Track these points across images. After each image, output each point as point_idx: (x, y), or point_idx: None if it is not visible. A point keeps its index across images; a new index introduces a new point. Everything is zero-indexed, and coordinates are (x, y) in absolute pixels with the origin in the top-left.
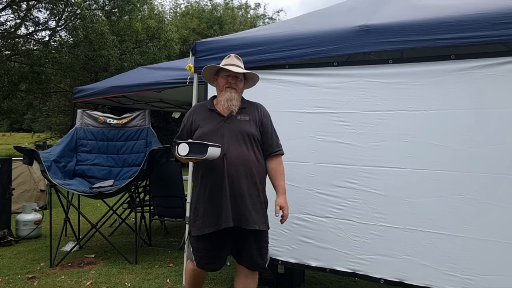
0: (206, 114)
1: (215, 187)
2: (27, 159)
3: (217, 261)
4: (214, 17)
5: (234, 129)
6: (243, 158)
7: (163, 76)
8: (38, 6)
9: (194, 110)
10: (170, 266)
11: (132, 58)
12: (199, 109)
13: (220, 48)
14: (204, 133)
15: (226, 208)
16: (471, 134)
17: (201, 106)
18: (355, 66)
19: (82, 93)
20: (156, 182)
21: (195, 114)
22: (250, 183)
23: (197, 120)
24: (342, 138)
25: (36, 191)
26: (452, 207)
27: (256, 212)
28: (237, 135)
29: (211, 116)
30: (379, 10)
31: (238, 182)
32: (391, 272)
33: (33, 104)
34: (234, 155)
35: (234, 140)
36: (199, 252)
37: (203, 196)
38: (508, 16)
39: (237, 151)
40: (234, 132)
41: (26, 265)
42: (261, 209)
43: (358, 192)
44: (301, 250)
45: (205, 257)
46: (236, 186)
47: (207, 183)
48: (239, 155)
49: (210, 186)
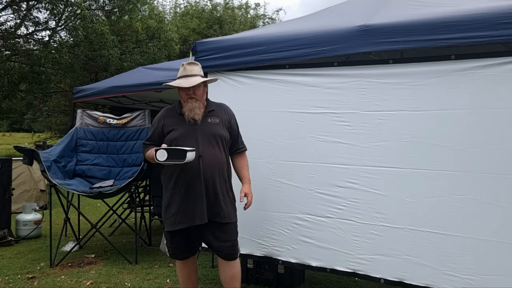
0: (176, 118)
1: (191, 187)
2: (27, 159)
3: (188, 252)
4: (214, 17)
5: (206, 132)
6: (216, 159)
7: (163, 76)
8: (38, 6)
9: (164, 114)
10: (170, 266)
11: (132, 58)
12: (169, 113)
13: (220, 48)
14: (178, 137)
15: (201, 207)
16: (471, 134)
17: (170, 109)
18: (356, 66)
19: (82, 93)
20: (156, 182)
21: (166, 118)
22: (222, 182)
23: (169, 124)
24: (342, 138)
25: (36, 191)
26: (452, 207)
27: (227, 207)
28: (210, 137)
29: (182, 120)
30: (379, 10)
31: (213, 182)
32: (391, 272)
33: (33, 104)
34: (208, 157)
35: (207, 143)
36: (172, 244)
37: (178, 195)
38: (508, 16)
39: (211, 154)
40: (207, 135)
41: (26, 265)
42: (231, 203)
43: (358, 192)
44: (302, 250)
45: (177, 249)
46: (211, 185)
47: (183, 183)
48: (213, 156)
49: (186, 186)
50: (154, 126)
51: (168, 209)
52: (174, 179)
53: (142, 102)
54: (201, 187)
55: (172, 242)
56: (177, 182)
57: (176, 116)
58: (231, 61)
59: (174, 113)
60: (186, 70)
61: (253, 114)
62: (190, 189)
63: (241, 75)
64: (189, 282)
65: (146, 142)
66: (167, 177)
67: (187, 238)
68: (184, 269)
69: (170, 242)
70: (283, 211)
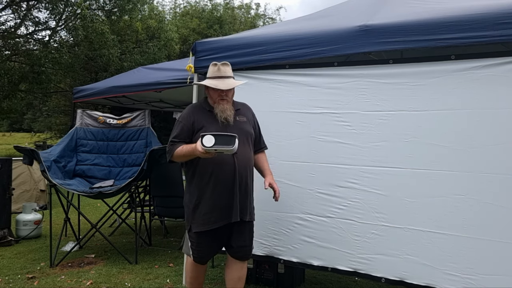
0: (206, 115)
1: (227, 184)
2: (27, 159)
3: (212, 254)
4: (214, 17)
5: (238, 130)
6: (248, 157)
7: (163, 76)
8: (38, 6)
9: (192, 111)
10: (170, 266)
11: (132, 58)
12: (198, 110)
13: (220, 48)
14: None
15: (236, 204)
16: (471, 134)
17: (197, 107)
18: (356, 66)
19: (82, 93)
20: (156, 182)
21: (196, 114)
22: (250, 179)
23: (200, 120)
24: (342, 138)
25: (36, 191)
26: (452, 207)
27: (251, 205)
28: (241, 135)
29: (212, 117)
30: (379, 10)
31: (245, 179)
32: (392, 271)
33: (33, 104)
34: (242, 154)
35: (239, 140)
36: (199, 246)
37: (210, 193)
38: (508, 16)
39: (243, 151)
40: (239, 132)
41: (26, 265)
42: (252, 202)
43: (358, 192)
44: (303, 249)
45: (204, 251)
46: (243, 183)
47: (217, 180)
48: (245, 154)
49: (221, 183)
50: (181, 123)
51: (198, 208)
52: (207, 176)
53: (142, 102)
54: (235, 184)
55: (200, 243)
56: (211, 179)
57: (206, 113)
58: (231, 61)
59: (203, 110)
60: (221, 71)
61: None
62: (225, 186)
63: (241, 75)
64: (197, 283)
65: (174, 139)
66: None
67: (215, 239)
68: (195, 270)
69: (197, 244)
70: (284, 211)
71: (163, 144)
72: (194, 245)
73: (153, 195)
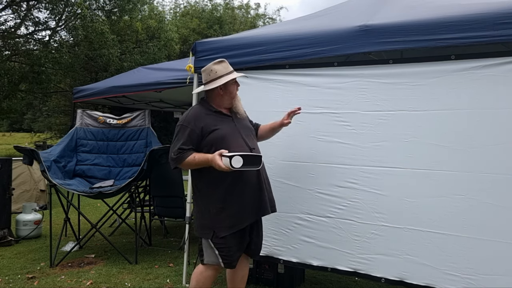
0: (214, 116)
1: (253, 183)
2: (27, 159)
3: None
4: (214, 17)
5: (244, 126)
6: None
7: (163, 76)
8: (38, 6)
9: (198, 115)
10: (170, 266)
11: (132, 58)
12: (204, 113)
13: (220, 48)
14: (224, 135)
15: (265, 199)
16: (471, 134)
17: (201, 109)
18: (356, 66)
19: (82, 93)
20: (156, 182)
21: (204, 119)
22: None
23: (210, 123)
24: (342, 138)
25: (36, 191)
26: (452, 207)
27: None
28: (248, 131)
29: (219, 117)
30: (379, 10)
31: (265, 173)
32: (392, 271)
33: (33, 104)
34: (257, 149)
35: (249, 136)
36: (230, 251)
37: (238, 195)
38: (508, 16)
39: (256, 146)
40: (245, 129)
41: (26, 265)
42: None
43: (358, 192)
44: (303, 249)
45: (235, 254)
46: (265, 177)
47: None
48: (258, 148)
49: (248, 183)
50: (188, 129)
51: (222, 213)
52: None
53: (142, 102)
54: (261, 180)
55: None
56: (235, 181)
57: (213, 114)
58: (231, 61)
59: (209, 112)
60: (228, 67)
61: (253, 114)
62: (252, 185)
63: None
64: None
65: (183, 147)
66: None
67: (243, 238)
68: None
69: (227, 248)
70: (284, 211)
71: (163, 144)
72: (224, 251)
73: (153, 195)
